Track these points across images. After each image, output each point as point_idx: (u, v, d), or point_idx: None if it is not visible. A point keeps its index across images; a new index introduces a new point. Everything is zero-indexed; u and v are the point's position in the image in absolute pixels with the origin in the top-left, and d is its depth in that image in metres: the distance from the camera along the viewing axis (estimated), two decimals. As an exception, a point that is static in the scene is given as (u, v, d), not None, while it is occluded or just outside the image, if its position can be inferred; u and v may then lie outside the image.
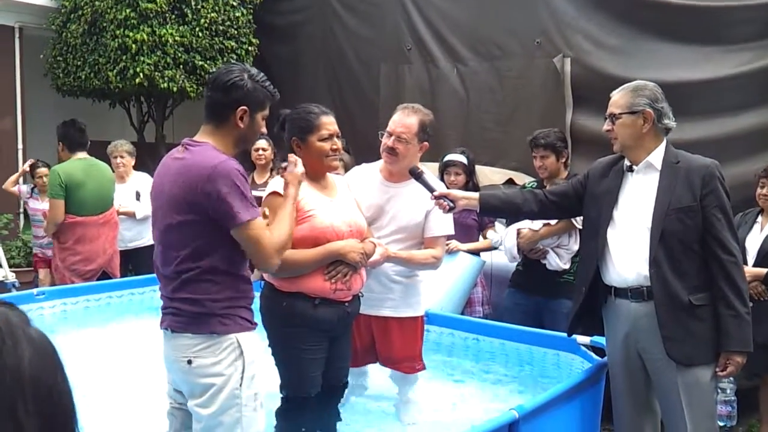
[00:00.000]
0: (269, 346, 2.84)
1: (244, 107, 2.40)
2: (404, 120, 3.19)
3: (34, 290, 4.44)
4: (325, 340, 2.86)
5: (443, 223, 3.24)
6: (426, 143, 3.26)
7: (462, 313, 4.45)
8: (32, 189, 6.75)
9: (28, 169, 6.87)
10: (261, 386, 2.46)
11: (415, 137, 3.18)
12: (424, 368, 3.34)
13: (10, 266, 6.02)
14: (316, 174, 2.86)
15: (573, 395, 2.94)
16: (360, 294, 2.99)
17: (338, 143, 2.89)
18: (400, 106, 3.30)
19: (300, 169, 2.73)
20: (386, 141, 3.19)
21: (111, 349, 3.88)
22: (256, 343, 2.45)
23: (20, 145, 8.44)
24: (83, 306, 4.52)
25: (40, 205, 6.45)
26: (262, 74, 2.49)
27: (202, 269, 2.31)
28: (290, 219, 2.55)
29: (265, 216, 2.58)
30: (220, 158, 2.30)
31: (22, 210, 8.18)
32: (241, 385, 2.35)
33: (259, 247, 2.33)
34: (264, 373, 2.60)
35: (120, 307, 4.71)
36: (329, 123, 2.86)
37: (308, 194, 2.80)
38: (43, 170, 6.58)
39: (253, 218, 2.30)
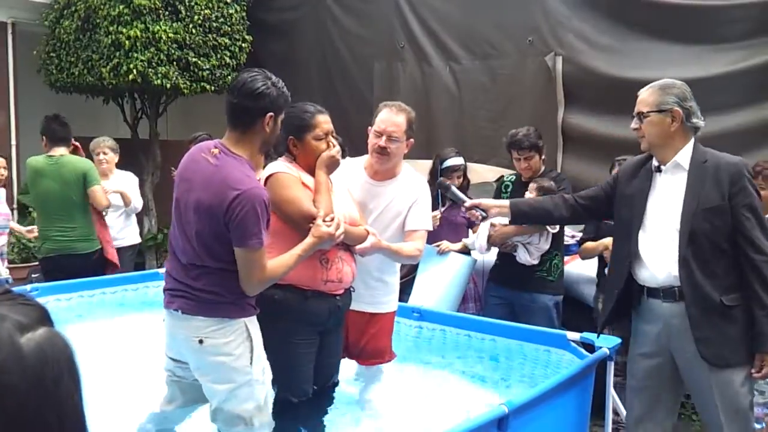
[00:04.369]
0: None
1: (271, 113, 2.54)
2: (394, 119, 3.19)
3: (28, 286, 4.44)
4: (317, 334, 2.88)
5: (424, 219, 3.27)
6: (411, 140, 3.27)
7: (456, 310, 4.50)
8: None
9: None
10: (266, 362, 2.68)
11: (404, 135, 3.21)
12: (394, 356, 3.38)
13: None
14: (311, 171, 2.88)
15: (563, 391, 2.96)
16: (351, 288, 3.01)
17: (334, 141, 2.91)
18: (383, 104, 3.30)
19: (334, 150, 2.86)
20: (377, 141, 3.19)
21: (104, 344, 3.89)
22: (258, 325, 2.65)
23: (14, 141, 8.43)
24: (77, 302, 4.52)
25: None
26: (279, 79, 2.61)
27: (220, 267, 2.50)
28: (302, 255, 2.63)
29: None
30: (253, 183, 2.47)
31: (15, 205, 8.18)
32: (251, 363, 2.56)
33: (250, 274, 2.49)
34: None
35: (114, 302, 4.72)
36: (324, 122, 2.88)
37: (307, 190, 2.83)
38: None
39: (258, 248, 2.45)
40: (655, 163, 2.95)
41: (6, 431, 0.82)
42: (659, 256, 2.85)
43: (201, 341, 2.51)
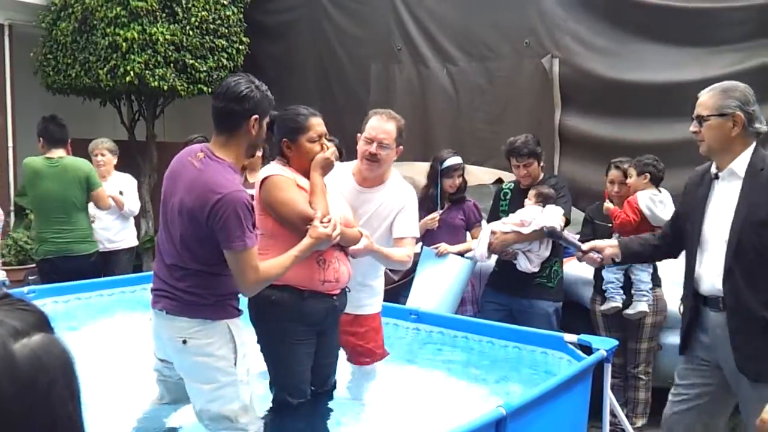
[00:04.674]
0: (257, 342, 2.86)
1: (256, 116, 2.57)
2: (384, 126, 3.24)
3: (25, 288, 4.43)
4: (314, 334, 2.89)
5: (411, 226, 3.32)
6: (401, 147, 3.32)
7: (454, 313, 4.50)
8: None
9: None
10: (252, 363, 2.71)
11: (394, 142, 3.24)
12: (387, 354, 3.44)
13: (1, 264, 6.00)
14: (306, 173, 2.89)
15: (561, 393, 2.96)
16: (347, 289, 3.02)
17: (328, 143, 2.93)
18: (373, 111, 3.34)
19: (328, 152, 2.87)
20: (368, 147, 3.22)
21: (102, 346, 3.88)
22: (242, 327, 2.68)
23: (10, 143, 8.41)
24: (74, 304, 4.51)
25: None
26: (262, 83, 2.64)
27: (202, 270, 2.54)
28: (300, 256, 2.65)
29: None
30: (234, 187, 2.48)
31: (12, 208, 8.16)
32: (235, 364, 2.59)
33: (242, 276, 2.51)
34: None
35: (110, 304, 4.71)
36: (318, 124, 2.90)
37: (302, 192, 2.84)
38: None
39: (245, 249, 2.46)
40: (713, 170, 2.86)
41: None
42: (708, 265, 2.80)
43: (185, 341, 2.55)
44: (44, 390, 0.85)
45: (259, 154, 5.81)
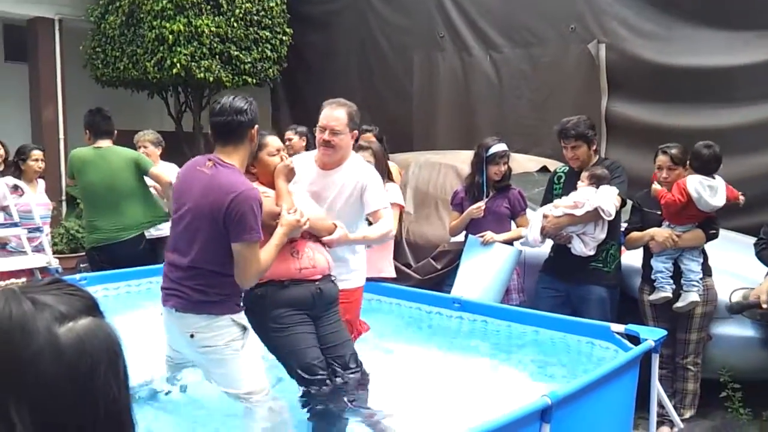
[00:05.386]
0: (261, 342, 3.05)
1: (257, 126, 2.96)
2: (333, 113, 3.45)
3: (77, 276, 4.55)
4: (307, 316, 3.07)
5: (379, 198, 3.50)
6: (356, 132, 3.54)
7: (500, 302, 4.47)
8: (14, 186, 5.38)
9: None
10: (258, 345, 3.02)
11: (346, 127, 3.45)
12: (367, 329, 3.66)
13: (53, 252, 6.16)
14: (272, 185, 3.13)
15: (607, 383, 2.93)
16: (332, 277, 3.21)
17: (285, 155, 3.22)
18: (325, 102, 3.54)
19: (287, 161, 3.15)
20: (321, 135, 3.45)
21: (151, 332, 3.97)
22: (245, 319, 2.96)
23: (62, 135, 8.64)
24: (125, 291, 4.62)
25: (24, 199, 5.38)
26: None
27: (212, 270, 2.82)
28: (279, 244, 2.91)
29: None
30: (247, 186, 2.79)
31: (64, 197, 8.37)
32: (240, 348, 2.86)
33: (247, 267, 2.80)
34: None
35: (159, 291, 4.80)
36: (274, 141, 3.22)
37: (271, 200, 3.05)
38: (37, 153, 5.65)
39: (255, 241, 2.77)
40: None
41: (38, 420, 0.83)
42: None
43: (192, 335, 2.85)
44: (87, 372, 0.86)
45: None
